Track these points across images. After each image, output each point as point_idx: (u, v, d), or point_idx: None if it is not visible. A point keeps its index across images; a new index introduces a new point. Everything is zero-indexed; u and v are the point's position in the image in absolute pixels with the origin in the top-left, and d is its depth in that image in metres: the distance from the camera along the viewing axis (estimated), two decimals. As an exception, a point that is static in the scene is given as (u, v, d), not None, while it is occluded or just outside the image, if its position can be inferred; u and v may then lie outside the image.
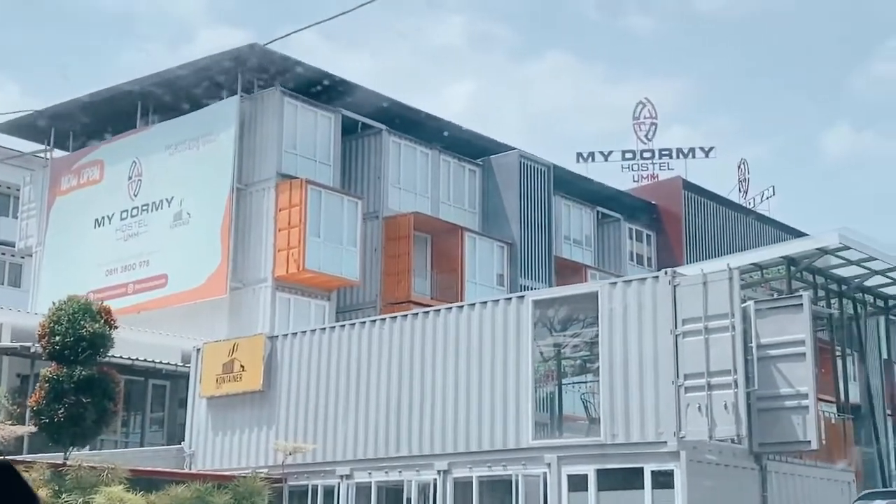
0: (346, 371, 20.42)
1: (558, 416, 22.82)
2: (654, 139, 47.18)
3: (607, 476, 16.38)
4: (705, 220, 40.18)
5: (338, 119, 31.26)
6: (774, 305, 17.10)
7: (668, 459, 15.66)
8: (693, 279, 16.27)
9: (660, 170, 46.23)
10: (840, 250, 21.85)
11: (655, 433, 15.98)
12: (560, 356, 23.24)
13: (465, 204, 34.68)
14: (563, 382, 24.37)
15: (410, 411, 19.23)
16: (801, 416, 16.31)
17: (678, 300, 16.16)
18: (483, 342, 18.50)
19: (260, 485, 17.60)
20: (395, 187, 32.56)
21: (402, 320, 19.93)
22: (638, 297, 16.59)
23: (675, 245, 38.48)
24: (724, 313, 15.71)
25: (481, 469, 18.01)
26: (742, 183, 48.34)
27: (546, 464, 17.02)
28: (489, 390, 18.20)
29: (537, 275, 33.89)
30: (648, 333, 16.37)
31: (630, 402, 16.36)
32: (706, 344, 15.78)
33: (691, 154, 46.39)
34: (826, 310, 22.50)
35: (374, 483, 19.45)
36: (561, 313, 19.45)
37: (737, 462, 16.58)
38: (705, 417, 15.54)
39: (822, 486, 18.24)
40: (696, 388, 15.76)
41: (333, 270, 29.22)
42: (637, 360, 16.40)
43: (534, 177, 35.26)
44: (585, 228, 38.50)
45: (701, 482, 15.63)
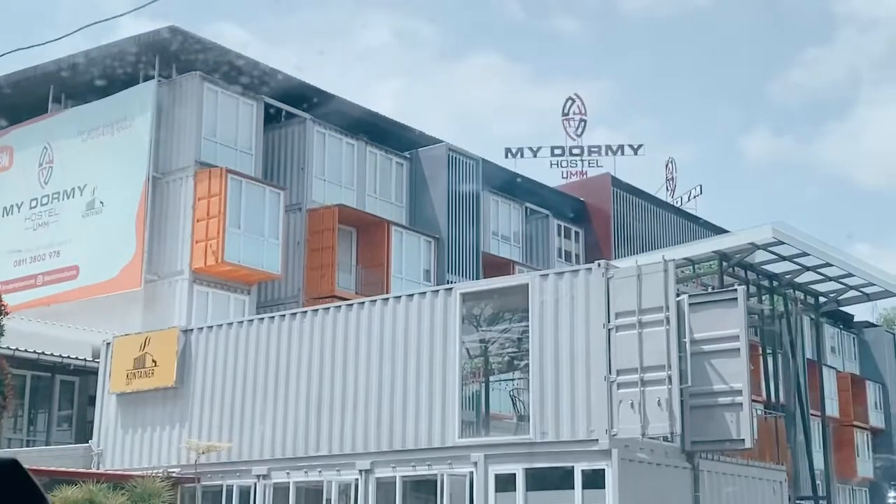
0: (265, 366, 19.48)
1: (485, 415, 22.14)
2: (583, 136, 47.00)
3: (536, 476, 15.73)
4: (634, 217, 39.94)
5: (260, 107, 30.17)
6: (708, 300, 16.65)
7: (600, 458, 15.06)
8: (627, 271, 15.69)
9: (589, 167, 45.96)
10: (773, 245, 21.53)
11: (586, 431, 15.36)
12: (488, 352, 22.58)
13: (392, 197, 33.85)
14: (490, 380, 23.72)
15: (331, 409, 18.37)
16: (735, 414, 15.86)
17: (611, 293, 15.56)
18: (409, 337, 17.72)
19: (159, 486, 16.58)
20: (319, 179, 31.57)
21: (323, 313, 19.04)
22: (570, 289, 15.96)
23: (603, 242, 38.13)
24: (659, 306, 15.15)
25: (405, 469, 17.22)
26: (670, 181, 48.32)
27: (472, 463, 16.31)
28: (414, 387, 17.42)
29: (465, 270, 33.22)
30: (580, 327, 15.75)
31: (560, 399, 15.72)
32: (640, 338, 15.21)
33: (620, 151, 46.21)
34: (759, 305, 22.17)
35: (292, 483, 18.54)
36: (490, 307, 18.73)
37: (669, 461, 16.05)
38: (638, 414, 14.97)
39: (754, 485, 17.82)
40: (629, 385, 15.17)
41: (254, 263, 28.15)
42: (568, 355, 15.77)
43: (462, 171, 34.58)
44: (514, 224, 37.94)
45: (633, 482, 15.05)
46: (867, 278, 23.97)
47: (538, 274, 16.68)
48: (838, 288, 24.54)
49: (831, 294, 24.95)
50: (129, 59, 29.37)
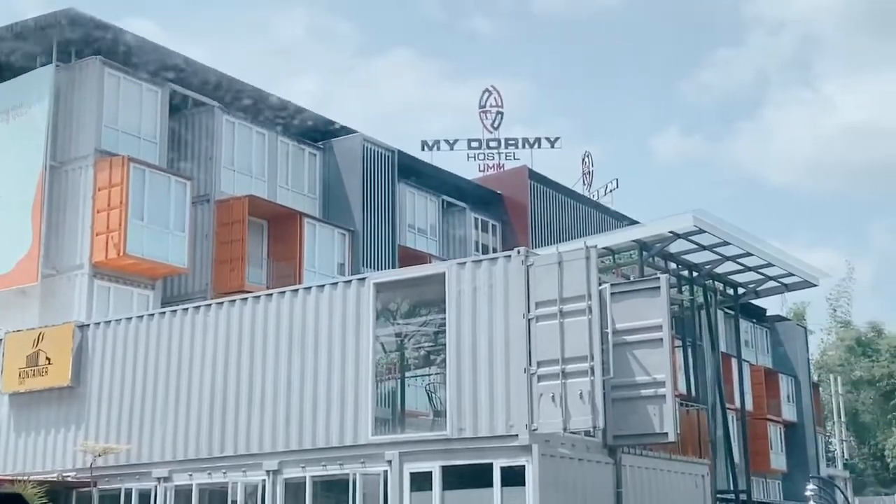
0: (166, 363, 18.41)
1: (401, 412, 21.36)
2: (500, 128, 46.47)
3: (453, 473, 14.99)
4: (551, 210, 39.55)
5: (165, 94, 28.87)
6: (631, 289, 16.10)
7: (519, 454, 14.39)
8: (547, 259, 15.04)
9: (506, 159, 45.48)
10: (693, 234, 21.17)
11: (506, 426, 14.68)
12: (403, 347, 21.80)
13: (305, 189, 32.84)
14: (406, 376, 22.95)
15: (237, 406, 17.39)
16: (658, 406, 15.35)
17: (531, 281, 14.90)
18: (319, 330, 16.84)
19: (31, 491, 15.44)
20: (228, 169, 30.38)
21: (229, 306, 18.03)
22: (489, 278, 15.26)
23: (520, 235, 37.61)
24: (581, 295, 14.53)
25: (315, 468, 16.34)
26: (586, 175, 48.11)
27: (387, 461, 15.51)
28: (325, 383, 16.55)
29: (380, 264, 32.33)
30: (499, 318, 15.06)
31: (478, 393, 15.00)
32: (561, 328, 14.58)
33: (537, 144, 45.78)
34: (681, 295, 21.81)
35: (195, 486, 17.51)
36: (405, 299, 17.93)
37: (591, 456, 15.47)
38: (559, 408, 14.33)
39: (677, 479, 17.36)
40: (550, 377, 14.53)
41: (158, 257, 26.88)
42: (487, 346, 15.07)
43: (377, 162, 33.72)
44: (430, 217, 37.22)
45: (553, 478, 14.42)
46: (786, 268, 23.81)
47: (455, 262, 15.94)
48: (757, 279, 24.35)
49: (750, 285, 24.75)
50: (26, 43, 27.85)
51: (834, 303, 72.38)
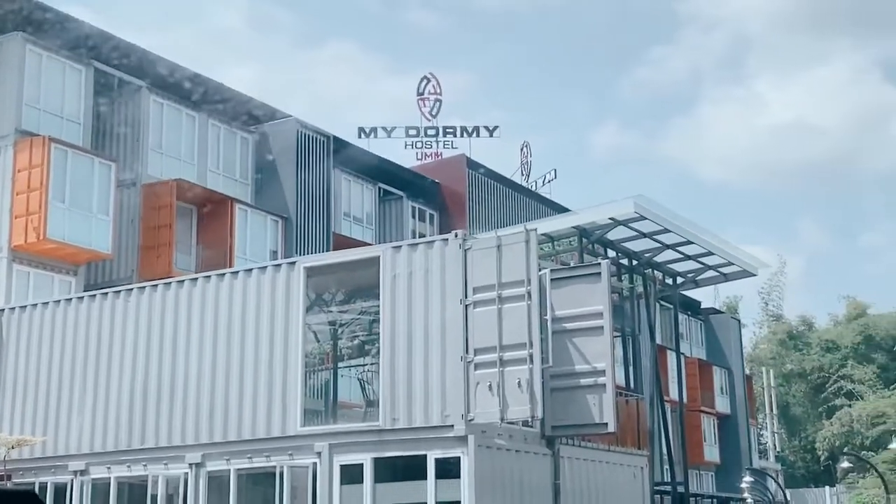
0: (85, 350, 17.48)
1: (333, 403, 20.67)
2: (438, 116, 45.83)
3: (386, 465, 14.35)
4: (489, 199, 39.06)
5: (90, 72, 27.68)
6: (571, 275, 15.60)
7: (455, 445, 13.79)
8: (486, 242, 14.45)
9: (444, 148, 44.86)
10: (634, 221, 20.76)
11: (441, 416, 14.07)
12: (337, 336, 21.10)
13: (237, 174, 31.85)
14: (340, 366, 22.26)
15: (159, 396, 16.54)
16: (598, 396, 14.88)
17: (469, 266, 14.30)
18: (247, 316, 16.05)
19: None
20: (156, 152, 29.28)
21: (151, 291, 17.15)
22: (425, 262, 14.62)
23: (458, 224, 36.96)
24: (520, 280, 13.97)
25: (241, 461, 15.57)
26: (525, 166, 47.73)
27: (316, 453, 14.81)
28: (252, 372, 15.78)
29: (314, 252, 31.44)
30: (435, 303, 14.44)
31: (413, 382, 14.37)
32: (499, 315, 14.00)
33: (476, 133, 45.23)
34: (621, 283, 21.40)
35: (113, 479, 16.63)
36: (338, 285, 17.21)
37: (528, 447, 14.94)
38: (497, 397, 13.77)
39: (615, 471, 16.91)
40: (488, 365, 13.95)
41: (81, 241, 25.75)
42: (422, 333, 14.44)
43: (312, 148, 32.86)
44: (366, 205, 36.45)
45: (490, 470, 13.85)
46: (726, 258, 23.55)
47: (390, 245, 15.28)
48: (696, 268, 24.08)
49: (689, 274, 24.46)
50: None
51: (766, 297, 73.33)
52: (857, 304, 70.57)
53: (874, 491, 40.25)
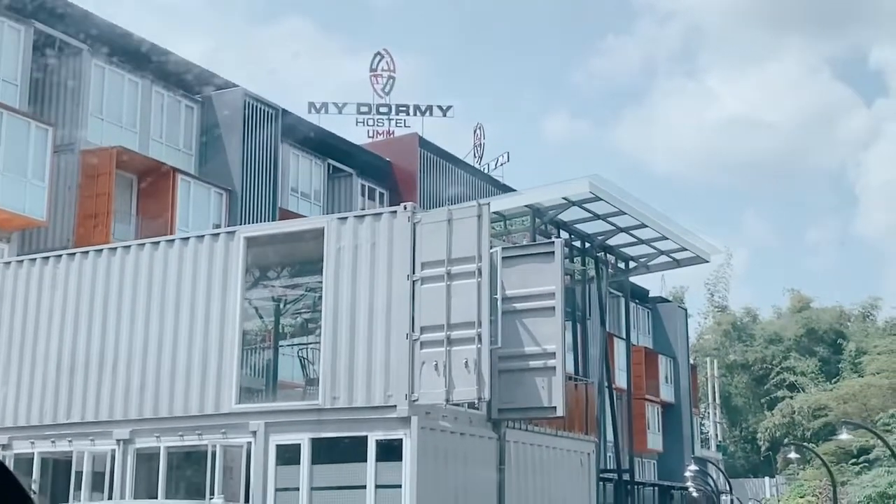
0: (10, 319, 16.57)
1: (272, 381, 19.95)
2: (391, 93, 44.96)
3: (324, 446, 13.70)
4: (441, 180, 38.37)
5: (29, 33, 26.52)
6: (523, 253, 15.04)
7: (397, 427, 13.17)
8: (436, 216, 13.82)
9: (396, 126, 44.02)
10: (589, 201, 20.24)
11: (384, 396, 13.44)
12: (280, 312, 20.37)
13: (180, 143, 30.84)
14: (283, 344, 21.54)
15: (87, 369, 15.69)
16: (547, 379, 14.35)
17: (418, 240, 13.65)
18: (182, 287, 15.26)
19: None
20: (96, 117, 28.21)
21: (82, 258, 16.26)
22: (371, 235, 13.94)
23: (408, 204, 36.32)
24: (470, 256, 13.36)
25: (171, 438, 14.81)
26: (478, 148, 47.10)
27: (251, 432, 14.10)
28: (186, 346, 15.01)
29: (259, 227, 30.63)
30: (381, 278, 13.78)
31: (355, 360, 13.70)
32: (448, 292, 13.38)
33: (429, 112, 44.48)
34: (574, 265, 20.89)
35: (37, 454, 15.77)
36: (280, 257, 16.45)
37: (473, 430, 14.38)
38: (443, 377, 13.15)
39: (562, 456, 16.42)
40: (434, 344, 13.33)
41: (14, 207, 24.69)
42: (366, 309, 13.77)
43: (260, 120, 31.90)
44: (315, 182, 35.58)
45: (433, 453, 13.26)
46: (680, 243, 23.15)
47: (336, 217, 14.58)
48: (649, 252, 23.66)
49: (642, 259, 24.04)
50: None
51: (712, 288, 73.61)
52: (801, 297, 71.14)
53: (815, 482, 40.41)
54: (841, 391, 51.76)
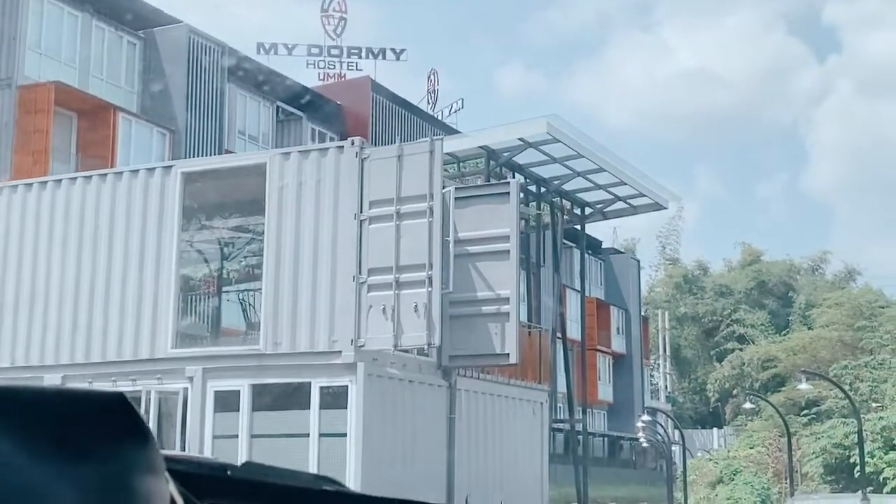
0: (-68, 258, 15.57)
1: (216, 327, 19.19)
2: (342, 35, 43.80)
3: (265, 392, 13.04)
4: (393, 125, 37.45)
5: (-40, -40, 25.18)
6: (477, 194, 14.36)
7: (342, 373, 12.53)
8: (386, 152, 13.10)
9: (348, 70, 42.94)
10: (546, 143, 19.55)
11: (328, 341, 12.77)
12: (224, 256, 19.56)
13: (122, 81, 29.63)
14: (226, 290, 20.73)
15: (15, 312, 14.84)
16: (500, 325, 13.75)
17: (366, 177, 12.91)
18: (115, 225, 14.40)
19: None
20: (34, 52, 26.96)
21: (10, 192, 15.29)
22: (317, 171, 13.18)
23: (359, 149, 35.43)
24: (421, 195, 12.66)
25: (104, 384, 13.94)
26: (432, 94, 46.19)
27: (188, 378, 13.40)
28: (119, 287, 14.20)
29: (204, 169, 29.64)
30: (327, 218, 13.04)
31: (299, 303, 13.00)
32: (397, 232, 12.69)
33: (382, 55, 43.42)
34: (528, 210, 20.26)
35: (-40, 403, 14.88)
36: (221, 195, 15.59)
37: (423, 378, 13.77)
38: (391, 322, 12.50)
39: (514, 406, 15.89)
40: (382, 287, 12.66)
41: (-55, 143, 23.55)
42: (311, 250, 13.05)
43: (205, 58, 30.73)
44: (263, 124, 34.48)
45: (380, 401, 12.66)
46: (638, 188, 22.56)
47: (279, 152, 13.79)
48: (607, 198, 23.08)
49: (598, 205, 23.48)
50: None
51: (663, 240, 73.75)
52: (752, 250, 71.52)
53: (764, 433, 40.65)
54: (791, 343, 52.16)
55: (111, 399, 1.01)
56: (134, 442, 1.00)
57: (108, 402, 1.01)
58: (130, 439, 1.01)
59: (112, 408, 1.01)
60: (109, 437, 0.99)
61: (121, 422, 1.01)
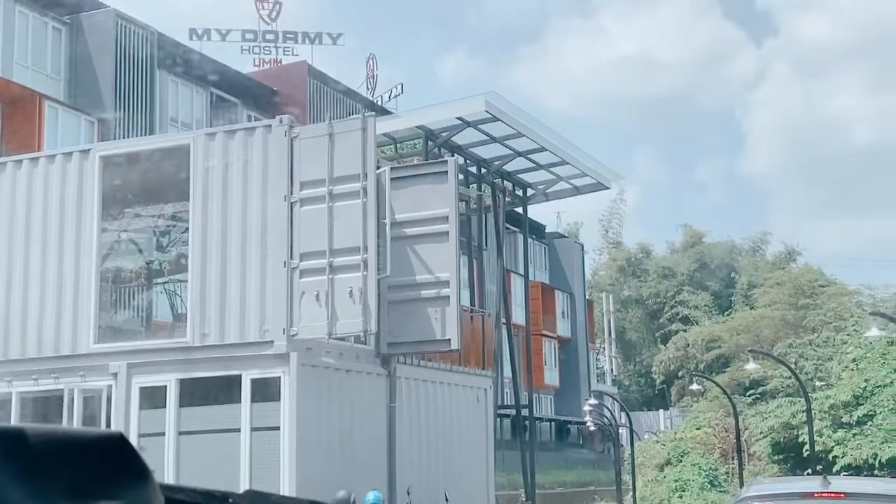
0: None
1: (146, 320, 18.40)
2: (277, 20, 42.85)
3: (194, 387, 12.39)
4: (331, 111, 36.64)
5: None
6: (414, 173, 13.82)
7: (275, 364, 11.92)
8: (317, 130, 12.51)
9: (284, 55, 42.01)
10: (485, 122, 19.00)
11: (259, 331, 12.15)
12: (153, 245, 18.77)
13: (48, 68, 28.54)
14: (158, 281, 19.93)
15: (-74, 307, 13.95)
16: (441, 310, 13.23)
17: (296, 157, 12.29)
18: (32, 214, 13.62)
19: None
20: (-48, 39, 25.83)
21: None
22: (244, 152, 12.53)
23: (296, 135, 34.61)
24: (355, 174, 12.07)
25: (24, 383, 13.28)
26: (370, 79, 45.41)
27: (112, 374, 12.70)
28: (38, 280, 13.43)
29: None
30: (255, 200, 12.41)
31: (228, 292, 12.35)
32: (330, 214, 12.08)
33: (318, 40, 42.55)
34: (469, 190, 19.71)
35: None
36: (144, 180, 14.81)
37: (361, 367, 13.20)
38: (325, 309, 11.90)
39: (458, 393, 15.37)
40: (315, 272, 12.06)
41: None
42: (239, 235, 12.40)
43: (134, 44, 29.72)
44: (196, 111, 33.49)
45: (315, 392, 12.06)
46: (580, 168, 22.12)
47: (203, 132, 13.10)
48: (549, 179, 22.61)
49: (540, 185, 23.00)
50: None
51: (606, 224, 73.70)
52: (694, 232, 71.77)
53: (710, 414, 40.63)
54: (734, 323, 52.32)
55: (110, 438, 1.05)
56: (133, 480, 1.03)
57: (107, 442, 1.04)
58: (129, 477, 1.04)
59: (110, 447, 1.04)
60: (109, 476, 1.01)
61: (119, 460, 1.04)
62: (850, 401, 23.36)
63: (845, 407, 23.42)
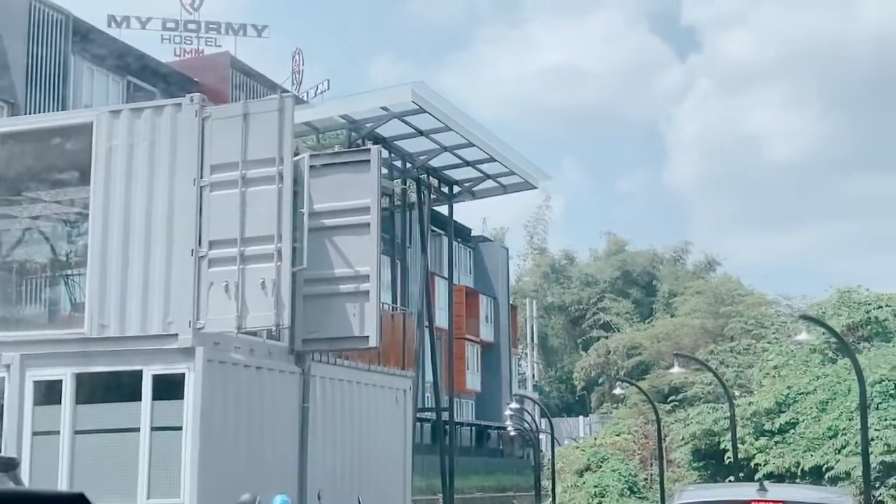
0: None
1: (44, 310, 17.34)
2: (200, 9, 41.65)
3: (91, 382, 11.54)
4: (253, 103, 35.72)
5: None
6: (334, 161, 13.11)
7: (179, 359, 11.13)
8: (230, 110, 11.77)
9: (206, 45, 40.86)
10: (411, 114, 18.36)
11: (162, 324, 11.35)
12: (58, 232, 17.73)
13: (-48, 49, 27.12)
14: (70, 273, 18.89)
15: None
16: (359, 305, 12.57)
17: (207, 139, 11.52)
18: (-80, 194, 12.59)
19: None
20: None
21: None
22: (150, 132, 11.71)
23: (217, 127, 33.54)
24: (270, 158, 11.35)
25: None
26: (296, 74, 44.43)
27: (4, 366, 11.75)
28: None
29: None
30: (162, 184, 11.60)
31: (129, 281, 11.52)
32: (242, 199, 11.34)
33: (242, 31, 41.51)
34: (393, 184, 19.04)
35: None
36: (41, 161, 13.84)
37: (272, 364, 12.47)
38: (235, 301, 11.16)
39: (375, 393, 14.69)
40: (225, 261, 11.32)
41: None
42: (143, 220, 11.58)
43: (47, 27, 28.47)
44: (112, 99, 32.19)
45: (222, 390, 11.30)
46: (508, 165, 21.59)
47: (107, 110, 12.23)
48: (476, 176, 22.07)
49: (467, 183, 22.44)
50: None
51: (531, 230, 73.79)
52: (617, 240, 72.28)
53: (630, 421, 40.63)
54: (655, 331, 52.60)
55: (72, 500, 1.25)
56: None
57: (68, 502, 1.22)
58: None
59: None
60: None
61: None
62: (772, 408, 23.28)
63: (768, 414, 23.34)
